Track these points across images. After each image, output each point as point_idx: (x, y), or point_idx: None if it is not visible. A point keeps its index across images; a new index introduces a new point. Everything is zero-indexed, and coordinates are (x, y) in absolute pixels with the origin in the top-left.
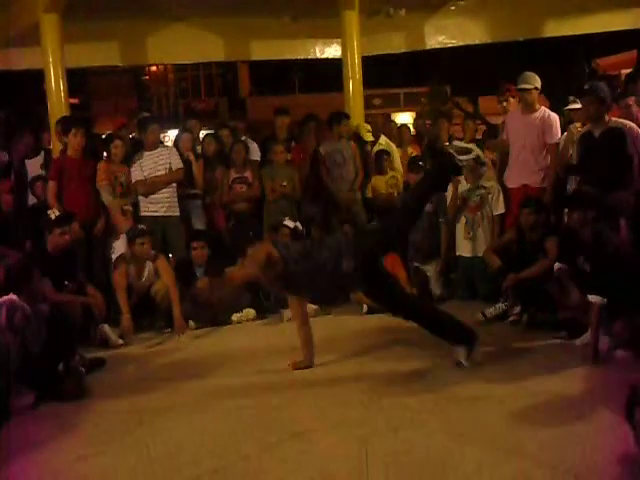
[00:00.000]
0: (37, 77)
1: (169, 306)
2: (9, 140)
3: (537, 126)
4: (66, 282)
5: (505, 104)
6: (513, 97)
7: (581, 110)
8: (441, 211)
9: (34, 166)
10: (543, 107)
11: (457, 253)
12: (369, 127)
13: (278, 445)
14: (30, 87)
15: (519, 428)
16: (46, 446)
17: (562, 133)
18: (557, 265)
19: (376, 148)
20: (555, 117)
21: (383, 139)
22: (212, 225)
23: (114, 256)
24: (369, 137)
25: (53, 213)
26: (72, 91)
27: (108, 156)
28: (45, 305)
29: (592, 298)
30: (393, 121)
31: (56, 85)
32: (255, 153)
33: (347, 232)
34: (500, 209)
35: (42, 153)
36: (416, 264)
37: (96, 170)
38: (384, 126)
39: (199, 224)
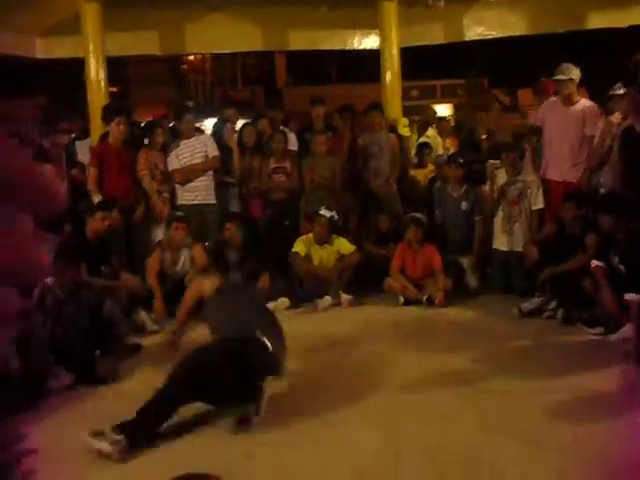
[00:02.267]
0: (78, 65)
1: None
2: (51, 126)
3: (577, 118)
4: (102, 267)
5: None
6: (556, 94)
7: (624, 99)
8: (478, 209)
9: (83, 148)
10: (583, 99)
11: (493, 247)
12: (406, 121)
13: (310, 434)
14: (71, 75)
15: (553, 423)
16: (83, 426)
17: None
18: (594, 262)
19: (422, 140)
20: (596, 108)
21: (431, 132)
22: (248, 214)
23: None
24: (406, 132)
25: (97, 197)
26: (111, 80)
27: (148, 144)
28: (88, 292)
29: (629, 297)
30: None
31: (96, 73)
32: (293, 143)
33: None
34: (539, 204)
35: (91, 136)
36: (453, 257)
37: (136, 158)
38: (432, 118)
39: None
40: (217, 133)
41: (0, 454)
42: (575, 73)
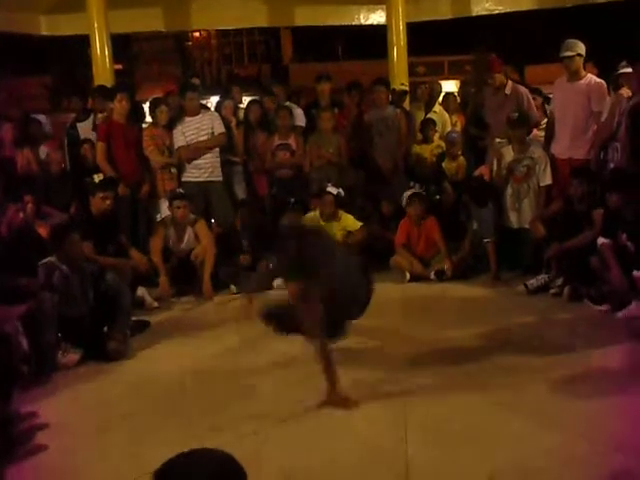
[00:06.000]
0: (83, 42)
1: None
2: (57, 104)
3: (583, 93)
4: (109, 245)
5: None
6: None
7: (632, 76)
8: (486, 231)
9: (85, 129)
10: (590, 74)
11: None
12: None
13: (317, 411)
14: (76, 52)
15: (559, 399)
16: (93, 401)
17: None
18: (600, 240)
19: (429, 115)
20: (602, 83)
21: (438, 107)
22: (253, 192)
23: (159, 217)
24: (403, 87)
25: (98, 177)
26: (116, 57)
27: (153, 121)
28: (92, 265)
29: (638, 274)
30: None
31: (101, 51)
32: (300, 119)
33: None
34: (547, 180)
35: (92, 116)
36: None
37: (140, 135)
38: (437, 93)
39: (240, 190)
40: (219, 110)
41: (11, 428)
42: (581, 48)
